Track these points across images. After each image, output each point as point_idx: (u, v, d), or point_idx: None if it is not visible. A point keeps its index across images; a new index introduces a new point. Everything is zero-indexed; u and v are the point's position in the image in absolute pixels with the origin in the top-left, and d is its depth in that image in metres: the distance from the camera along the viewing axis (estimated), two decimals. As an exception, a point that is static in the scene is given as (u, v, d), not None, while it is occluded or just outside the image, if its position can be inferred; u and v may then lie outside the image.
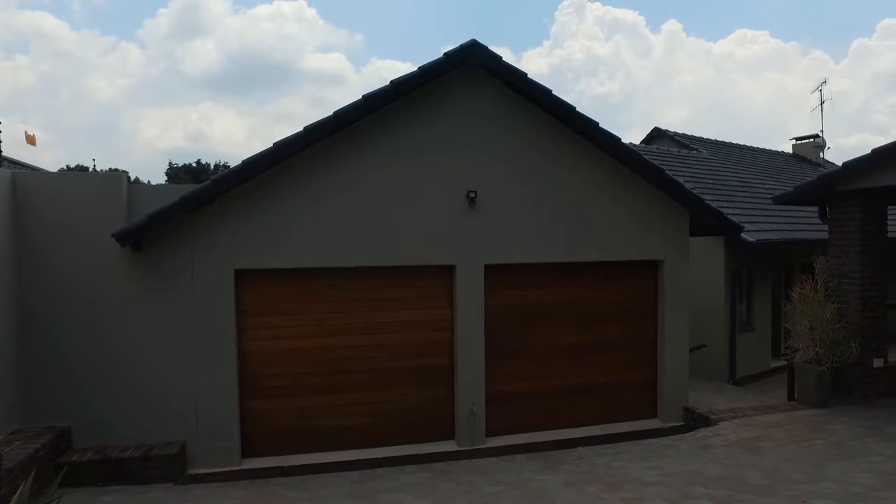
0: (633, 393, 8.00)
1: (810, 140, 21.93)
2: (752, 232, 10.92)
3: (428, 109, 6.95)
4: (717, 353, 11.42)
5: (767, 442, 6.64)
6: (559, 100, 7.13)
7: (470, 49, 6.81)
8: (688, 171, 13.79)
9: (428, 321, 7.16)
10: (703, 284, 11.19)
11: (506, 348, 7.43)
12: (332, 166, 6.67)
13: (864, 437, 6.60)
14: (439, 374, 7.21)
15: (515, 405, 7.48)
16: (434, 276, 7.15)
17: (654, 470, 6.15)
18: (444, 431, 7.22)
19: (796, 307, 8.09)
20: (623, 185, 7.69)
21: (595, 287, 7.82)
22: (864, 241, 7.86)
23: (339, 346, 6.91)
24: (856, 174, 7.70)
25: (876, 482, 5.27)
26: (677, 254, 7.95)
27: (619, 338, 7.93)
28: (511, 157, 7.28)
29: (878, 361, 8.01)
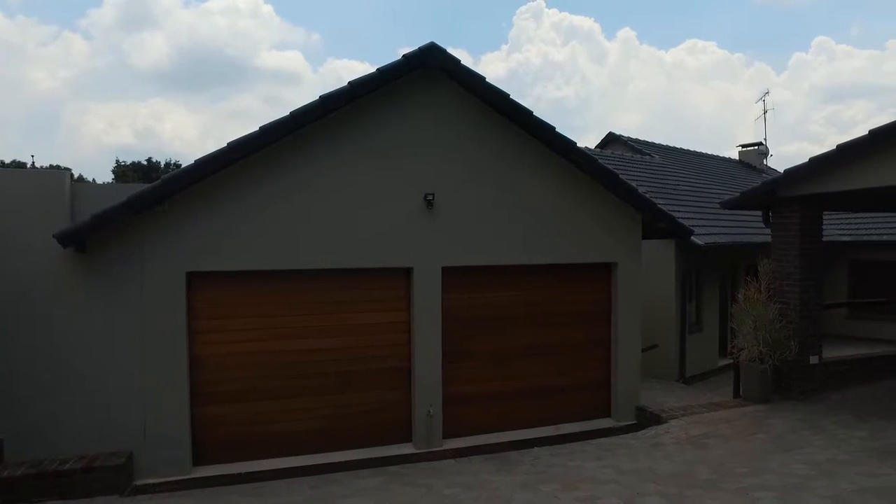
0: (587, 393, 8.16)
1: (755, 147, 22.87)
2: (702, 235, 11.30)
3: (386, 111, 6.93)
4: (668, 353, 11.77)
5: (715, 438, 6.88)
6: (516, 104, 7.22)
7: (428, 52, 6.82)
8: (641, 175, 14.17)
9: (385, 324, 7.13)
10: (654, 286, 11.51)
11: (463, 350, 7.47)
12: (288, 167, 6.57)
13: (801, 431, 6.92)
14: (396, 377, 7.19)
15: (472, 407, 7.52)
16: (391, 278, 7.13)
17: (608, 468, 6.28)
18: (401, 434, 7.20)
19: (742, 308, 8.40)
20: (578, 189, 7.84)
21: (551, 289, 7.95)
22: (802, 244, 8.24)
23: (294, 350, 6.80)
24: (795, 181, 8.07)
25: (811, 472, 5.55)
26: (630, 256, 8.16)
27: (575, 339, 8.08)
28: (469, 160, 7.32)
29: (814, 359, 8.41)
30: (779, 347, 8.06)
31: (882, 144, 6.97)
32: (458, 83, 7.16)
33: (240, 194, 6.41)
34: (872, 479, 5.32)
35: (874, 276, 16.61)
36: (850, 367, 9.10)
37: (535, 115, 7.28)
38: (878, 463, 5.76)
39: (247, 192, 6.43)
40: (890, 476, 5.40)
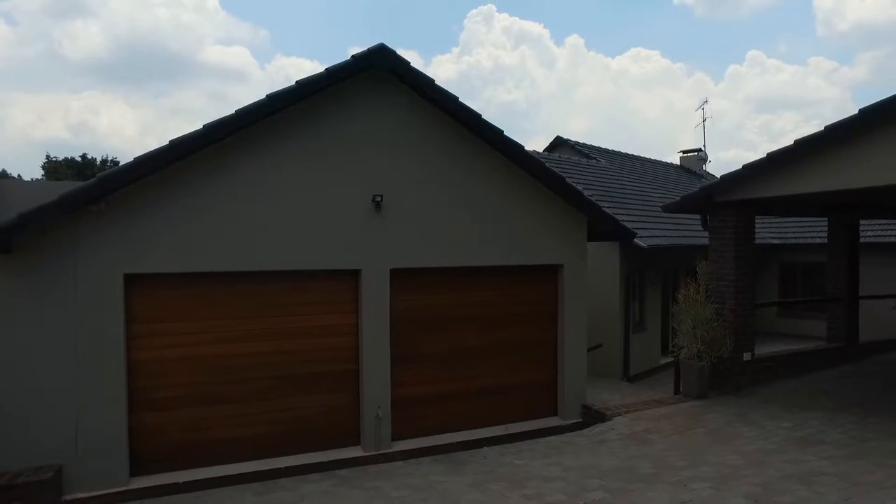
0: (535, 392, 8.29)
1: (695, 153, 23.80)
2: (645, 238, 11.68)
3: (334, 111, 6.86)
4: (612, 352, 12.09)
5: (656, 434, 7.13)
6: (465, 107, 7.28)
7: (377, 53, 6.80)
8: (587, 179, 14.52)
9: (333, 326, 7.05)
10: (599, 287, 11.82)
11: (412, 352, 7.47)
12: (233, 167, 6.41)
13: (735, 424, 7.26)
14: (345, 380, 7.12)
15: (422, 408, 7.53)
16: (339, 280, 7.06)
17: (554, 466, 6.42)
18: (349, 437, 7.13)
19: (681, 308, 8.74)
20: (526, 192, 7.97)
21: (499, 290, 8.04)
22: (737, 246, 8.64)
23: (239, 354, 6.64)
24: (730, 187, 8.47)
25: (743, 462, 5.86)
26: (576, 258, 8.35)
27: (523, 340, 8.20)
28: (418, 162, 7.33)
29: (747, 355, 8.84)
30: (715, 345, 8.43)
31: (805, 154, 7.41)
32: (407, 85, 7.16)
33: (181, 194, 6.21)
34: (795, 466, 5.65)
35: (802, 277, 17.58)
36: (779, 362, 9.60)
37: (484, 118, 7.36)
38: (800, 451, 6.12)
39: (189, 191, 6.24)
40: (810, 462, 5.75)
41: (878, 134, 6.71)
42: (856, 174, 7.00)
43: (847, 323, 10.88)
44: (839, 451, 6.06)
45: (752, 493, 5.02)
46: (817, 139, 7.18)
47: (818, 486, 5.09)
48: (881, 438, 6.46)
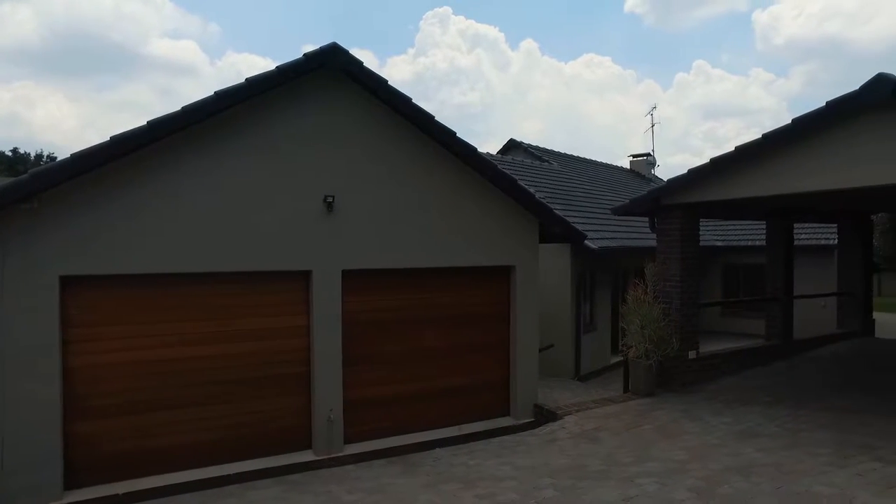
0: (488, 393, 8.35)
1: (644, 157, 24.53)
2: (595, 240, 11.93)
3: (286, 110, 6.74)
4: (564, 352, 12.30)
5: (605, 432, 7.28)
6: (418, 108, 7.27)
7: (330, 52, 6.72)
8: (539, 181, 14.74)
9: (283, 328, 6.91)
10: (551, 288, 12.01)
11: (365, 354, 7.40)
12: (179, 165, 6.21)
13: (681, 420, 7.50)
14: (295, 383, 6.99)
15: (375, 410, 7.47)
16: (290, 281, 6.93)
17: (506, 465, 6.47)
18: (300, 441, 7.00)
19: (630, 308, 8.96)
20: (480, 194, 8.02)
21: (452, 291, 8.06)
22: (682, 248, 8.93)
23: (185, 358, 6.43)
24: (676, 190, 8.75)
25: (687, 457, 6.05)
26: (528, 260, 8.45)
27: (476, 340, 8.24)
28: (371, 163, 7.27)
29: (692, 353, 9.14)
30: (662, 344, 8.68)
31: (744, 160, 7.72)
32: (360, 85, 7.10)
33: (124, 192, 5.97)
34: (735, 459, 5.89)
35: (744, 277, 18.34)
36: (721, 359, 9.97)
37: (437, 119, 7.37)
38: (740, 444, 6.38)
39: (132, 189, 6.00)
40: (748, 455, 6.00)
41: (808, 143, 7.06)
42: (788, 180, 7.35)
43: (783, 321, 11.39)
44: (774, 443, 6.34)
45: (695, 487, 5.19)
46: (755, 147, 7.50)
47: (755, 477, 5.32)
48: (811, 429, 6.79)
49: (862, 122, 6.58)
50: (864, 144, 6.57)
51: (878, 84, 6.26)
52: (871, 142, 6.51)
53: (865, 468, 5.44)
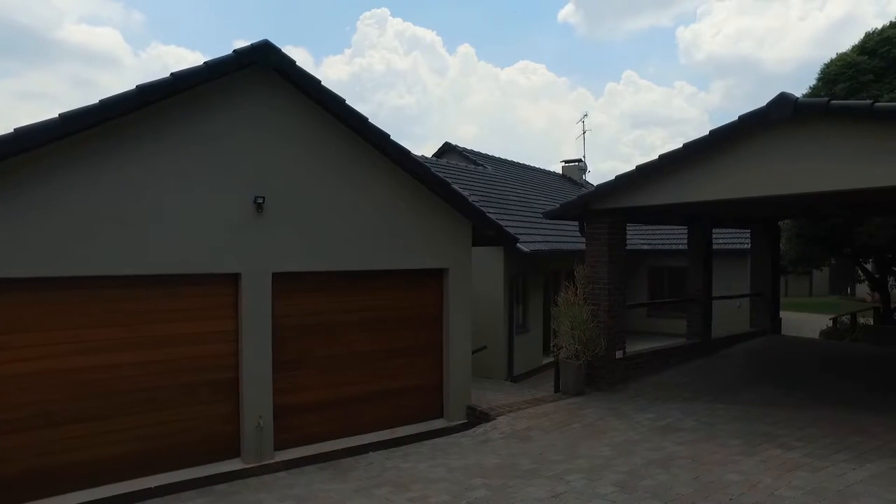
0: (421, 396, 8.37)
1: (575, 163, 25.28)
2: (527, 243, 12.20)
3: (215, 108, 6.52)
4: (497, 354, 12.50)
5: (536, 431, 7.46)
6: (352, 109, 7.22)
7: (262, 49, 6.57)
8: (473, 185, 14.93)
9: (209, 333, 6.67)
10: (484, 290, 12.18)
11: (297, 358, 7.26)
12: (95, 161, 5.88)
13: (608, 417, 7.78)
14: (222, 390, 6.76)
15: (307, 416, 7.34)
16: (217, 284, 6.69)
17: (439, 467, 6.51)
18: (228, 450, 6.78)
19: (561, 310, 9.22)
20: (413, 197, 8.04)
21: (386, 294, 8.04)
22: (610, 252, 9.27)
23: (103, 366, 6.08)
24: (604, 196, 9.08)
25: (613, 453, 6.30)
26: (461, 262, 8.54)
27: (410, 343, 8.24)
28: (303, 164, 7.15)
29: (619, 353, 9.50)
30: (591, 345, 8.97)
31: (667, 168, 8.12)
32: (293, 84, 6.98)
33: (29, 188, 5.57)
34: (657, 453, 6.18)
35: (668, 280, 19.25)
36: (647, 358, 10.40)
37: (371, 121, 7.34)
38: (661, 439, 6.69)
39: (39, 186, 5.61)
40: (668, 448, 6.31)
41: (723, 154, 7.50)
42: (706, 188, 7.78)
43: (702, 321, 12.01)
44: (692, 437, 6.69)
45: (620, 481, 5.41)
46: (676, 156, 7.90)
47: (674, 469, 5.60)
48: (725, 422, 7.23)
49: (770, 135, 7.05)
50: (773, 156, 7.05)
51: (781, 101, 6.75)
52: (779, 154, 7.00)
53: (769, 455, 5.87)
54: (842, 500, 4.70)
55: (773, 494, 4.87)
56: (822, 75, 16.00)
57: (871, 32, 15.53)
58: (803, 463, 5.59)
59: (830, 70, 15.62)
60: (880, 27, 15.51)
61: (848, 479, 5.14)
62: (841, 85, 14.87)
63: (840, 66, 15.32)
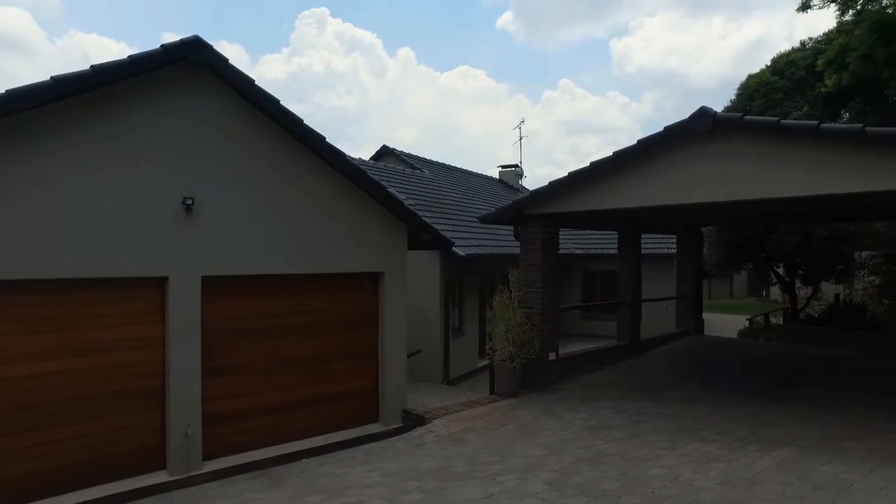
0: (356, 400, 8.30)
1: (512, 168, 25.78)
2: (464, 247, 12.33)
3: (140, 105, 6.25)
4: (433, 357, 12.56)
5: (471, 433, 7.53)
6: (287, 110, 7.10)
7: (192, 46, 6.36)
8: (411, 188, 14.96)
9: (135, 339, 6.38)
10: (420, 294, 12.22)
11: (228, 364, 7.05)
12: (5, 157, 5.51)
13: (541, 418, 7.97)
14: (147, 398, 6.47)
15: (238, 423, 7.13)
16: (143, 288, 6.42)
17: (374, 472, 6.47)
18: (153, 462, 6.49)
19: (496, 313, 9.36)
20: (349, 200, 7.98)
21: (321, 298, 7.94)
22: (544, 256, 9.49)
23: (18, 377, 5.68)
24: (538, 201, 9.30)
25: (546, 452, 6.46)
26: (397, 266, 8.54)
27: (344, 348, 8.17)
28: (236, 165, 6.97)
29: (552, 355, 9.74)
30: (525, 347, 9.15)
31: (599, 175, 8.41)
32: (225, 83, 6.79)
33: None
34: (587, 451, 6.38)
35: (600, 283, 19.91)
36: (579, 359, 10.72)
37: (306, 123, 7.25)
38: (591, 437, 6.92)
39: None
40: (598, 446, 6.54)
41: (650, 162, 7.85)
42: (634, 195, 8.12)
43: (632, 323, 12.50)
44: (621, 434, 6.96)
45: (551, 479, 5.55)
46: (606, 163, 8.20)
47: (603, 466, 5.81)
48: (651, 419, 7.56)
49: (692, 146, 7.45)
50: (694, 166, 7.44)
51: (702, 115, 7.15)
52: (700, 164, 7.39)
53: (689, 449, 6.19)
54: (750, 486, 5.06)
55: (691, 486, 5.14)
56: (740, 91, 17.11)
57: (779, 55, 16.75)
58: (720, 455, 5.92)
59: (748, 87, 16.72)
60: (788, 50, 16.76)
61: (757, 467, 5.53)
62: (758, 101, 15.95)
63: (756, 83, 16.44)
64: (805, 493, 4.88)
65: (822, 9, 11.21)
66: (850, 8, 11.16)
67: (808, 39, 16.38)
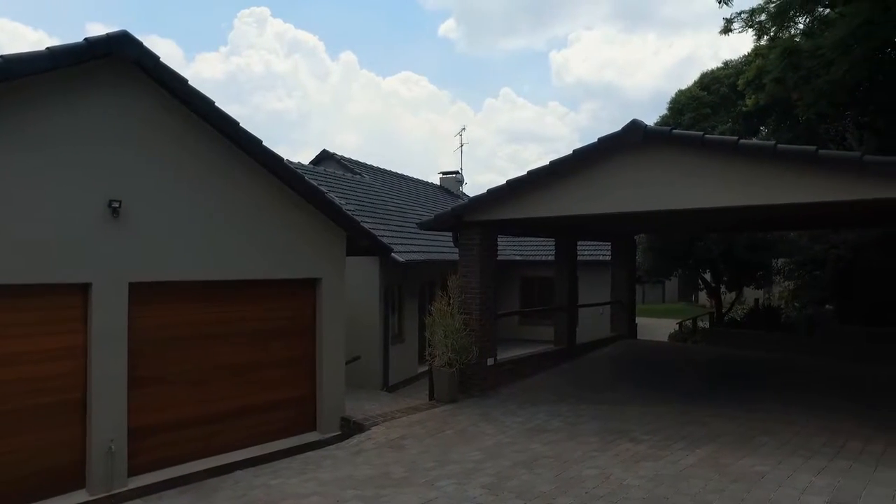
0: (293, 409, 8.13)
1: (453, 175, 25.97)
2: (403, 253, 12.33)
3: (61, 101, 5.92)
4: (372, 363, 12.46)
5: (410, 439, 7.53)
6: (222, 112, 6.91)
7: (119, 41, 6.07)
8: (350, 194, 14.83)
9: (53, 350, 5.99)
10: (360, 300, 12.12)
11: (157, 374, 6.75)
12: None
13: (479, 423, 8.05)
14: (65, 412, 6.08)
15: (167, 435, 6.83)
16: (63, 295, 6.05)
17: (311, 481, 6.35)
18: (71, 481, 6.10)
19: (434, 319, 9.40)
20: (286, 205, 7.84)
21: (257, 305, 7.74)
22: (482, 262, 9.63)
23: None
24: (477, 208, 9.43)
25: (483, 456, 6.53)
26: (335, 272, 8.44)
27: (280, 355, 7.99)
28: (168, 168, 6.71)
29: (490, 360, 9.87)
30: (463, 353, 9.24)
31: (535, 184, 8.62)
32: (157, 82, 6.54)
33: None
34: (524, 454, 6.50)
35: (539, 289, 20.32)
36: (517, 364, 10.91)
37: (242, 126, 7.08)
38: (528, 440, 7.06)
39: None
40: (534, 449, 6.67)
41: (586, 172, 8.14)
42: (570, 203, 8.37)
43: (568, 328, 12.84)
44: (557, 437, 7.13)
45: (488, 483, 5.62)
46: (543, 172, 8.42)
47: (538, 469, 5.94)
48: (585, 421, 7.79)
49: (624, 157, 7.76)
50: (626, 176, 7.76)
51: (633, 128, 7.47)
52: (631, 174, 7.71)
53: (621, 449, 6.43)
54: (676, 482, 5.31)
55: (622, 484, 5.33)
56: (671, 105, 18.00)
57: (706, 72, 17.76)
58: (649, 454, 6.17)
59: (679, 101, 17.60)
60: (713, 68, 17.78)
61: (682, 464, 5.81)
62: (687, 115, 16.84)
63: (686, 98, 17.34)
64: (724, 486, 5.16)
65: (741, 32, 11.95)
66: (765, 34, 11.94)
67: (732, 59, 17.46)
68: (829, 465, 5.63)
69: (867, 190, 6.18)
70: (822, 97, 10.56)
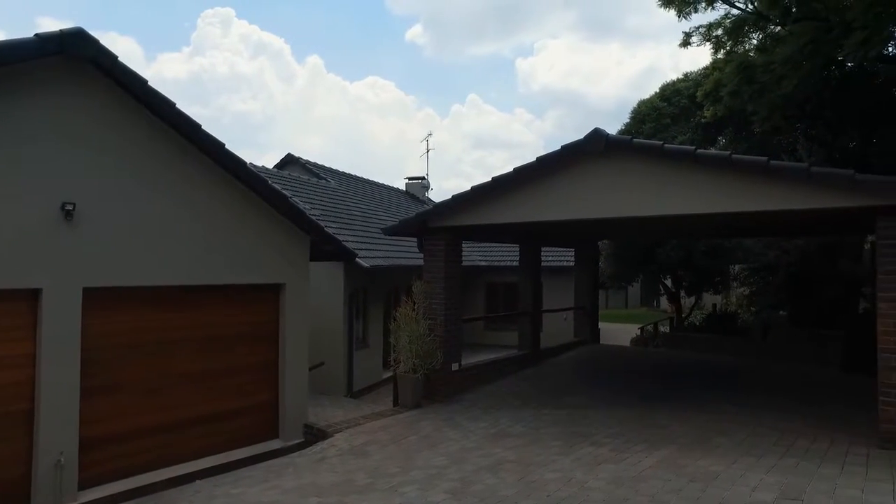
0: (255, 416, 8.00)
1: (419, 180, 25.99)
2: (368, 258, 12.27)
3: (9, 99, 5.71)
4: (336, 369, 12.35)
5: (374, 445, 7.47)
6: (182, 114, 6.78)
7: (73, 38, 5.90)
8: (315, 198, 14.70)
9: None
10: (324, 306, 12.00)
11: (112, 382, 6.57)
12: None
13: (444, 428, 8.05)
14: (11, 424, 5.84)
15: (123, 446, 6.64)
16: (10, 301, 5.83)
17: (272, 490, 6.25)
18: (15, 497, 5.83)
19: (399, 324, 9.37)
20: (249, 209, 7.73)
21: (218, 311, 7.60)
22: (447, 268, 9.64)
23: None
24: (442, 214, 9.46)
25: (447, 462, 6.53)
26: (299, 277, 8.35)
27: (243, 362, 7.86)
28: (126, 171, 6.55)
29: (455, 366, 9.88)
30: (428, 358, 9.22)
31: (500, 190, 8.70)
32: (115, 82, 6.37)
33: None
34: (487, 459, 6.53)
35: (504, 294, 20.46)
36: (481, 370, 10.95)
37: (204, 129, 6.96)
38: (492, 445, 7.08)
39: None
40: (498, 454, 6.70)
41: (550, 179, 8.24)
42: (534, 210, 8.47)
43: (532, 333, 12.96)
44: (520, 441, 7.17)
45: (452, 488, 5.62)
46: (507, 179, 8.50)
47: (502, 473, 5.96)
48: (548, 426, 7.86)
49: (587, 165, 7.90)
50: (589, 183, 7.89)
51: (595, 136, 7.61)
52: (594, 182, 7.85)
53: (583, 453, 6.51)
54: (635, 483, 5.41)
55: (583, 487, 5.40)
56: (633, 114, 18.43)
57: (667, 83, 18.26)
58: (609, 457, 6.27)
59: (641, 111, 18.03)
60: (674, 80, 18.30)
61: (641, 466, 5.92)
62: (649, 125, 17.26)
63: (647, 108, 17.79)
64: (681, 486, 5.28)
65: (700, 46, 12.35)
66: (721, 48, 12.37)
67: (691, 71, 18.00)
68: (778, 464, 5.84)
69: (815, 199, 6.45)
70: (776, 110, 10.98)
